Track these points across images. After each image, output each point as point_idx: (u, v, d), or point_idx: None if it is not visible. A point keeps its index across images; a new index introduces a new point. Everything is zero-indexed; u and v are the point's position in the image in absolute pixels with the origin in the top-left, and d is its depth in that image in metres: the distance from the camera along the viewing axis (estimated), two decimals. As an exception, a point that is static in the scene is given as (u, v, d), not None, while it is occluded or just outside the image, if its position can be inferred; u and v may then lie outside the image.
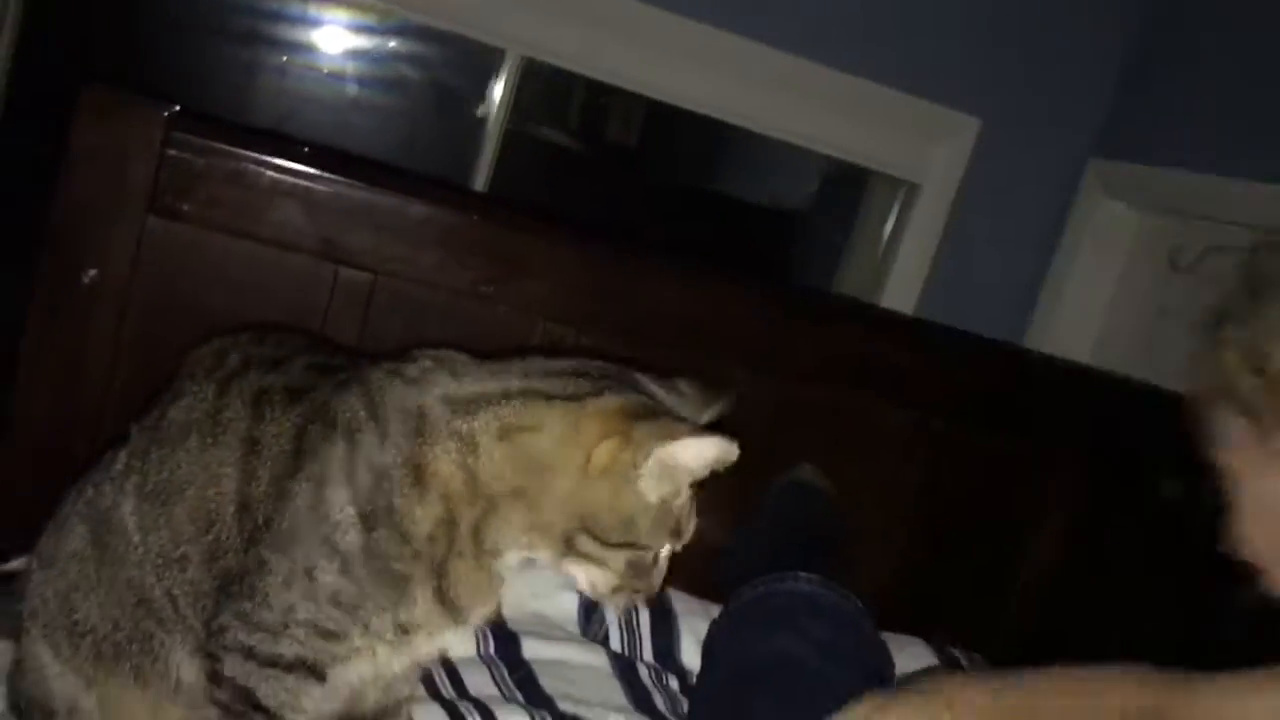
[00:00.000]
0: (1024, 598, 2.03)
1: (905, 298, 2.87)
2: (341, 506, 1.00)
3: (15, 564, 1.38)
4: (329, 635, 1.02)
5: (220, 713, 1.06)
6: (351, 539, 1.00)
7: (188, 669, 1.11)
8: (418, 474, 1.00)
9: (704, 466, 1.01)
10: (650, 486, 0.99)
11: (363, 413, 1.02)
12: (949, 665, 1.78)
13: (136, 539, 1.10)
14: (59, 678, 1.15)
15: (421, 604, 1.02)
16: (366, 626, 1.02)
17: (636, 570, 1.03)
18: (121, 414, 1.54)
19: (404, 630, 1.04)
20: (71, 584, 1.13)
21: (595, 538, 1.00)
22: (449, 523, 1.01)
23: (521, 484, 1.00)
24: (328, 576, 1.00)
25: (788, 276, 3.20)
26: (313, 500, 1.01)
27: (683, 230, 3.06)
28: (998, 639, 1.94)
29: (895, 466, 1.91)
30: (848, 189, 3.13)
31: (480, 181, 2.72)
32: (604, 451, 0.98)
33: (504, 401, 1.01)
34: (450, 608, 1.03)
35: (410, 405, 1.01)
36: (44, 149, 1.65)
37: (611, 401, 1.01)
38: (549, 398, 1.01)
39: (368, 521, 1.00)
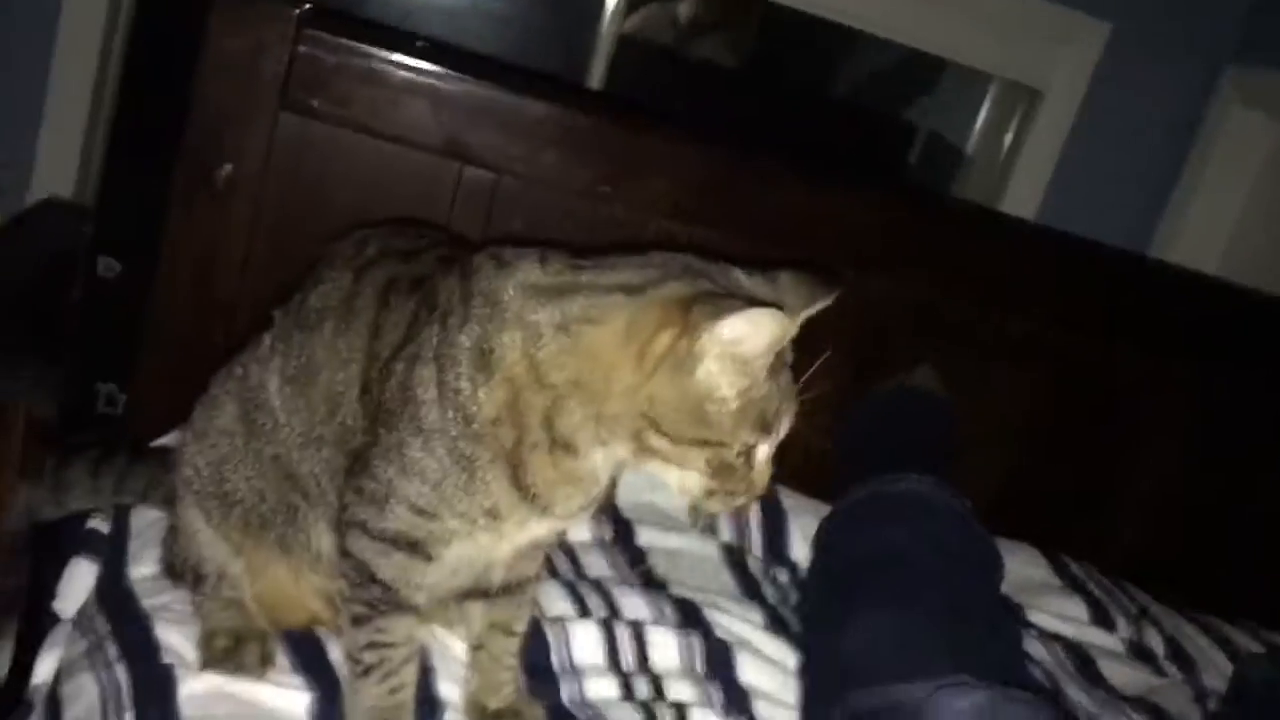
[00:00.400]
0: (1137, 510, 2.01)
1: (1026, 208, 2.81)
2: (425, 385, 1.03)
3: (167, 439, 1.47)
4: (422, 513, 1.05)
5: (347, 584, 1.12)
6: (432, 417, 1.02)
7: (326, 541, 1.17)
8: (485, 357, 1.00)
9: (765, 344, 0.94)
10: (714, 375, 0.94)
11: (456, 295, 1.04)
12: (1060, 573, 1.78)
13: (282, 419, 1.15)
14: (210, 544, 1.23)
15: (496, 490, 1.03)
16: (453, 508, 1.04)
17: (723, 470, 0.99)
18: (255, 303, 1.62)
19: (492, 516, 1.05)
20: (222, 456, 1.20)
21: (664, 434, 0.96)
22: (515, 410, 1.00)
23: (581, 376, 0.98)
24: (414, 452, 1.03)
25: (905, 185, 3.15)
26: (405, 378, 1.04)
27: (797, 136, 3.03)
28: (1109, 549, 1.93)
29: (1012, 373, 1.89)
30: (969, 96, 3.06)
31: (594, 85, 2.72)
32: (659, 342, 0.94)
33: (572, 294, 0.99)
34: (530, 498, 1.03)
35: (493, 290, 1.02)
36: (180, 49, 1.70)
37: (671, 290, 0.96)
38: (611, 290, 0.98)
39: (443, 401, 1.02)
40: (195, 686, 1.10)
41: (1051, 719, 1.14)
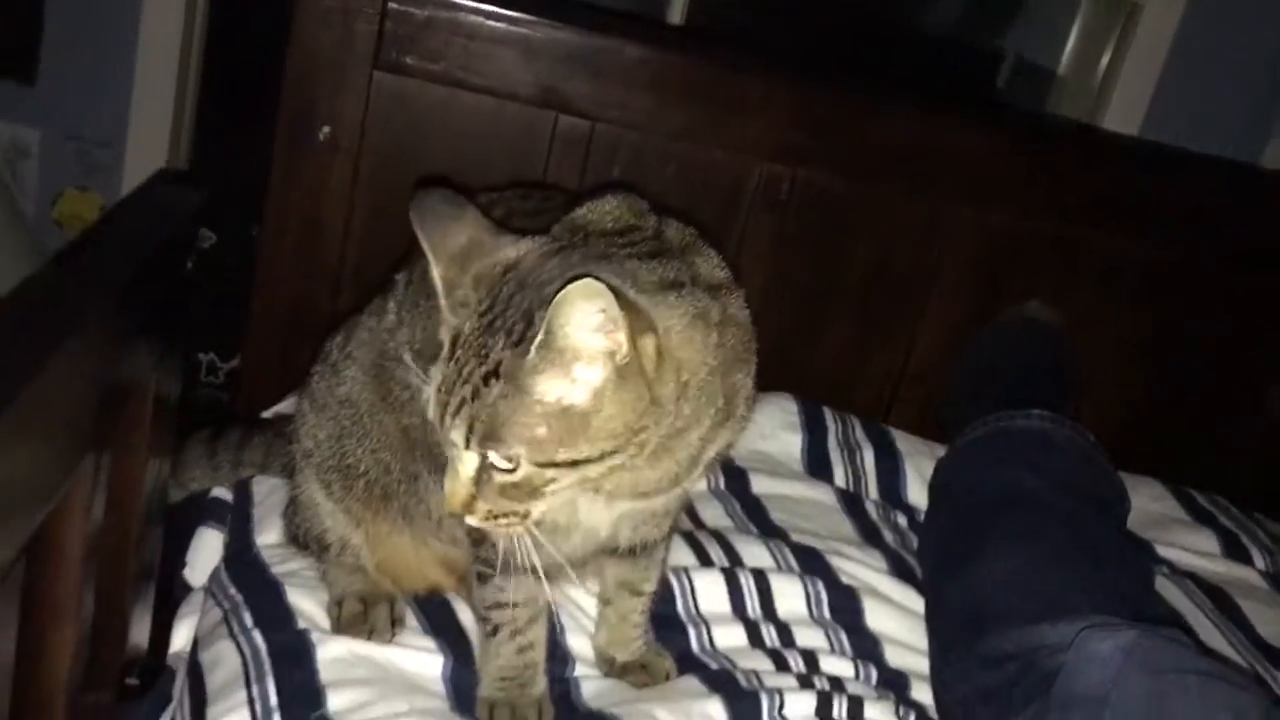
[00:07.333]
0: (1266, 437, 1.93)
1: (1128, 127, 2.70)
2: None
3: (281, 406, 1.48)
4: None
5: (469, 546, 1.12)
6: None
7: None
8: None
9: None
10: None
11: None
12: (1187, 506, 1.73)
13: (414, 390, 1.12)
14: (331, 515, 1.23)
15: None
16: None
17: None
18: (358, 266, 1.62)
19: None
20: (344, 429, 1.19)
21: None
22: None
23: None
24: None
25: (995, 112, 3.04)
26: None
27: (882, 67, 2.94)
28: (1238, 480, 1.87)
29: (1131, 301, 1.82)
30: (1058, 16, 2.93)
31: (675, 16, 2.65)
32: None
33: None
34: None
35: None
36: (268, 19, 1.70)
37: None
38: None
39: None
40: (333, 650, 1.11)
41: (1196, 655, 1.10)
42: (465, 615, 1.20)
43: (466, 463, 0.88)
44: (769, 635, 1.28)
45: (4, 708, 0.83)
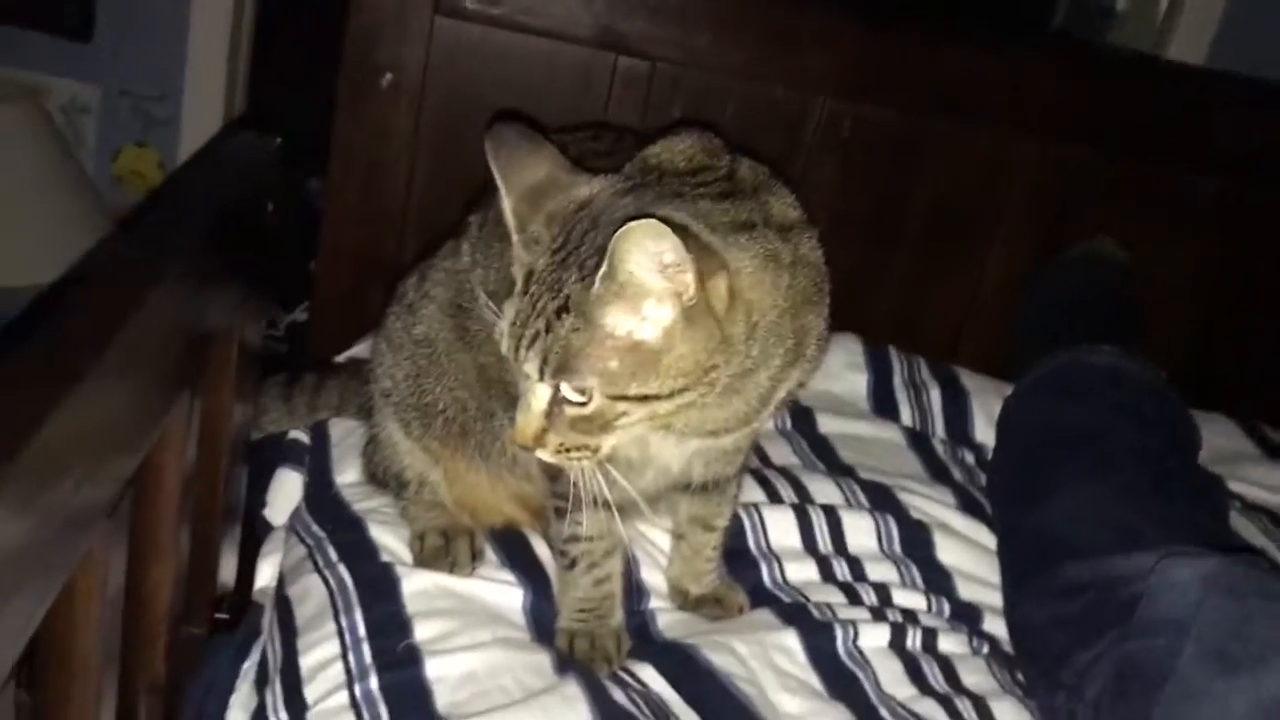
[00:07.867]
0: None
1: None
2: None
3: (356, 350, 1.50)
4: None
5: (547, 483, 1.14)
6: None
7: None
8: None
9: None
10: None
11: None
12: (1258, 441, 1.71)
13: (490, 328, 1.15)
14: (410, 453, 1.25)
15: None
16: None
17: None
18: (421, 212, 1.64)
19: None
20: (420, 368, 1.21)
21: None
22: None
23: None
24: None
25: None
26: None
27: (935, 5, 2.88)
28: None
29: (1202, 235, 1.80)
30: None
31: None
32: None
33: None
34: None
35: None
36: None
37: None
38: None
39: None
40: (417, 583, 1.13)
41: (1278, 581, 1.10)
42: (541, 549, 1.23)
43: (539, 395, 0.89)
44: (840, 570, 1.29)
45: (117, 639, 0.86)
